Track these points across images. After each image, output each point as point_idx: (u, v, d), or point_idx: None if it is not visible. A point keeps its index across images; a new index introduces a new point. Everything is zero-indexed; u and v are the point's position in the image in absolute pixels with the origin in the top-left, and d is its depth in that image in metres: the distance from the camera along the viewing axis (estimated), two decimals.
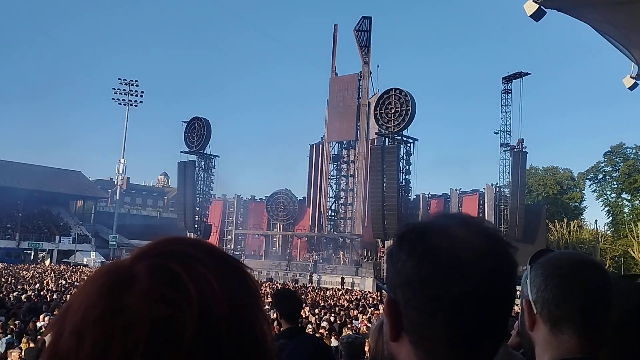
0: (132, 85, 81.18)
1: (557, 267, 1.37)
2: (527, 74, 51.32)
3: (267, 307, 21.96)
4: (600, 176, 71.56)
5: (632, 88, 6.27)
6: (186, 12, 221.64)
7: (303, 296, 29.37)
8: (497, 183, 51.48)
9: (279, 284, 44.84)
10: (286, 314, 4.35)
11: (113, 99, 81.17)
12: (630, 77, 6.16)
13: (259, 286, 0.75)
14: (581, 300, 1.32)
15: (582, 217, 75.52)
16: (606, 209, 69.97)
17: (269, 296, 27.88)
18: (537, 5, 4.75)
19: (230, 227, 67.07)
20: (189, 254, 0.68)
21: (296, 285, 43.64)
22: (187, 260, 0.67)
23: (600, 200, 71.07)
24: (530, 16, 5.00)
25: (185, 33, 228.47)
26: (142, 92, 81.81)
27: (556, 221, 65.86)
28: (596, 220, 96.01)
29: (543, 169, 77.93)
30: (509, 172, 50.34)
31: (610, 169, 69.90)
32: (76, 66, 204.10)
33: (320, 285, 46.10)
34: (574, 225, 66.71)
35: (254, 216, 66.94)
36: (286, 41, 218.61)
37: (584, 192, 77.10)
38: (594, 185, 72.89)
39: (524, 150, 49.61)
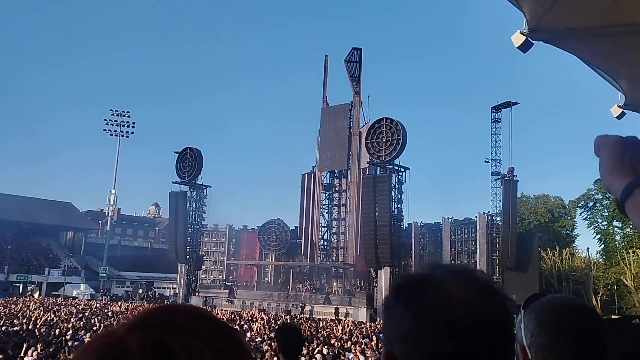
0: (124, 116, 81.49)
1: (550, 311, 1.38)
2: (515, 103, 51.98)
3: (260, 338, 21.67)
4: (591, 204, 71.87)
5: (619, 117, 6.34)
6: (180, 44, 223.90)
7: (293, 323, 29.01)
8: (489, 211, 51.63)
9: (271, 315, 44.34)
10: (285, 350, 4.28)
11: (104, 129, 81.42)
12: (618, 106, 6.23)
13: (252, 353, 0.74)
14: (573, 345, 1.33)
15: (574, 245, 75.57)
16: (598, 236, 70.11)
17: (262, 327, 27.57)
18: (524, 37, 4.82)
19: (222, 258, 66.61)
20: (183, 325, 0.67)
21: (287, 317, 43.17)
22: (180, 332, 0.66)
23: (591, 227, 71.24)
24: (517, 47, 5.07)
25: (179, 64, 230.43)
26: (133, 122, 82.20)
27: (548, 249, 65.83)
28: (588, 248, 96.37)
29: (534, 196, 78.22)
30: (500, 200, 50.54)
31: (601, 197, 70.17)
32: (67, 97, 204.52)
33: (313, 316, 45.60)
34: (566, 253, 66.66)
35: (246, 246, 66.62)
36: (276, 72, 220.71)
37: (575, 219, 77.30)
38: (585, 212, 73.15)
39: (514, 178, 49.90)
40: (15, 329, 23.21)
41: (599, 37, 4.54)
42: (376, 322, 41.62)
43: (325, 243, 63.67)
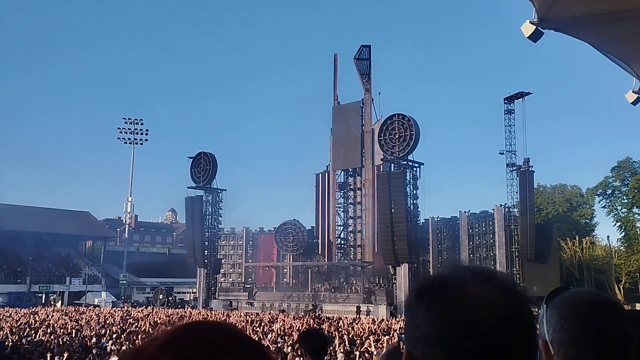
0: (137, 123, 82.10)
1: (572, 306, 1.37)
2: (528, 93, 51.45)
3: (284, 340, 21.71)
4: (609, 191, 71.03)
5: (635, 103, 6.25)
6: (189, 49, 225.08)
7: (316, 326, 29.07)
8: (505, 203, 51.21)
9: (292, 315, 44.40)
10: (312, 351, 4.47)
11: (119, 138, 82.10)
12: (633, 92, 6.15)
13: None
14: (596, 340, 1.31)
15: (593, 234, 74.87)
16: (618, 224, 69.29)
17: (286, 330, 27.63)
18: (534, 27, 4.78)
19: (240, 260, 66.89)
20: (214, 342, 0.68)
21: (308, 316, 43.18)
22: (211, 349, 0.67)
23: (611, 215, 70.42)
24: (528, 37, 5.02)
25: (189, 70, 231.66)
26: (147, 130, 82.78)
27: (568, 239, 65.23)
28: (608, 236, 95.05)
29: (551, 186, 77.56)
30: (516, 192, 50.10)
31: (619, 184, 69.41)
32: (80, 107, 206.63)
33: (333, 315, 45.59)
34: (586, 242, 66.01)
35: (263, 248, 66.80)
36: (287, 73, 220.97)
37: (593, 208, 76.54)
38: (604, 200, 72.31)
39: (530, 169, 49.44)
40: (40, 338, 23.49)
41: (609, 23, 4.48)
42: (397, 319, 41.51)
43: (342, 242, 63.64)
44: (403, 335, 1.04)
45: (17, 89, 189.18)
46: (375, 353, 17.35)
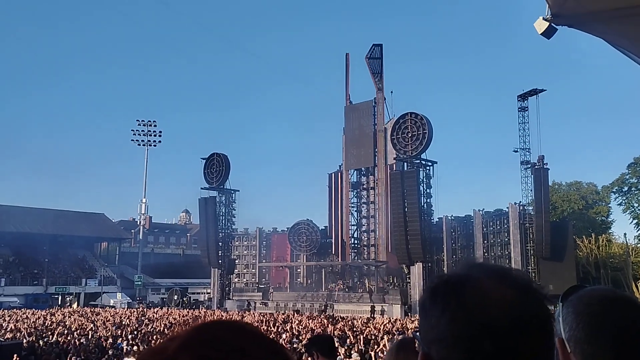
0: (150, 125, 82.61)
1: (588, 304, 1.35)
2: (542, 90, 51.04)
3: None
4: (626, 188, 70.19)
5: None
6: (202, 52, 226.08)
7: (331, 326, 29.05)
8: (520, 202, 50.86)
9: (306, 315, 44.43)
10: (324, 351, 4.53)
11: (132, 140, 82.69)
12: None
13: None
14: (614, 337, 1.29)
15: (610, 231, 73.94)
16: (634, 221, 68.46)
17: (301, 329, 27.64)
18: (548, 23, 4.71)
19: (254, 261, 67.06)
20: (234, 343, 0.68)
21: (322, 316, 43.19)
22: (232, 350, 0.66)
23: (627, 213, 69.58)
24: (541, 34, 4.95)
25: (201, 73, 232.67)
26: (160, 131, 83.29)
27: (584, 237, 64.53)
28: (625, 234, 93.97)
29: (566, 184, 76.81)
30: (531, 190, 49.73)
31: (636, 181, 68.57)
32: (96, 110, 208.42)
33: (347, 315, 45.55)
34: (603, 240, 65.25)
35: (276, 248, 66.89)
36: (299, 74, 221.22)
37: (610, 205, 75.66)
38: (620, 198, 71.46)
39: (545, 167, 49.02)
40: (57, 339, 23.71)
41: (625, 18, 4.41)
42: (411, 318, 41.38)
43: (356, 241, 63.56)
44: (418, 334, 1.03)
45: (33, 94, 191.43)
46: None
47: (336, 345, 5.02)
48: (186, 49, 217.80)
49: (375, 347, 19.38)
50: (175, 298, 63.85)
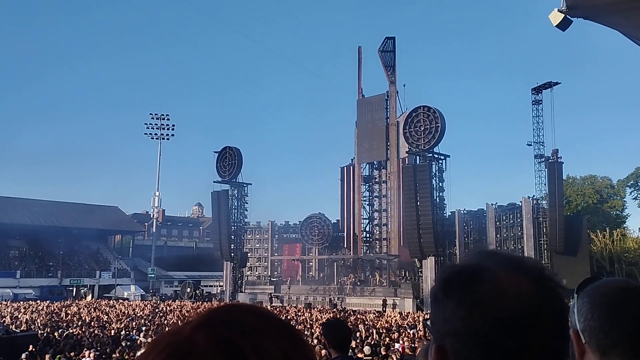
0: (163, 119, 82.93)
1: (604, 294, 1.35)
2: (556, 83, 50.53)
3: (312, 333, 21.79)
4: None
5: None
6: (214, 44, 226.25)
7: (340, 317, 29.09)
8: (534, 195, 50.50)
9: (318, 309, 44.57)
10: (335, 344, 4.43)
11: (145, 133, 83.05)
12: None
13: (315, 354, 0.74)
14: (629, 327, 1.29)
15: (625, 226, 73.33)
16: None
17: (310, 323, 27.74)
18: (563, 15, 4.66)
19: (266, 254, 67.28)
20: (249, 324, 0.68)
21: (334, 310, 43.32)
22: (246, 330, 0.66)
23: None
24: (556, 26, 4.90)
25: (214, 65, 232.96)
26: (173, 125, 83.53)
27: (598, 231, 64.06)
28: None
29: (581, 178, 76.16)
30: (545, 184, 49.35)
31: None
32: (108, 104, 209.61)
33: (359, 309, 45.64)
34: (617, 235, 64.73)
35: (288, 246, 67.01)
36: (311, 67, 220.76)
37: (625, 199, 74.98)
38: (635, 192, 70.90)
39: (559, 160, 48.61)
40: (71, 331, 23.99)
41: None
42: (423, 312, 41.37)
43: (368, 235, 63.48)
44: (428, 322, 1.03)
45: (47, 87, 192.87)
46: (400, 347, 17.31)
47: (350, 337, 4.84)
48: (199, 42, 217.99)
49: (387, 340, 19.39)
50: (188, 291, 64.27)
